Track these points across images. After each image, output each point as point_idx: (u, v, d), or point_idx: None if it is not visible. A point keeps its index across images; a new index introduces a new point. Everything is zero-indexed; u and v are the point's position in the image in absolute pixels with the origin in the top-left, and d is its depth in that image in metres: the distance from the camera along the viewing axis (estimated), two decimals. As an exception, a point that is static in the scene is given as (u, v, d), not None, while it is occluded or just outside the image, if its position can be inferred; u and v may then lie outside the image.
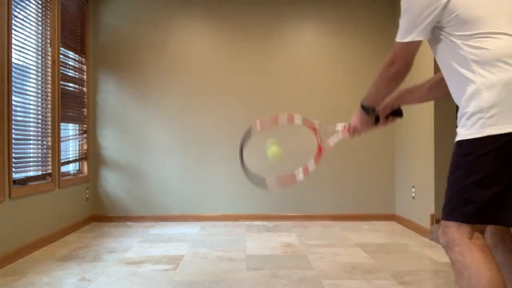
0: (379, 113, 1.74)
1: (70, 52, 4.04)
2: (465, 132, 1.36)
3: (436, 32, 1.43)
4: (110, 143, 4.52)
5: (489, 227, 1.45)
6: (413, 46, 1.46)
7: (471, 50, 1.33)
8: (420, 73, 3.93)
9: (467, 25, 1.34)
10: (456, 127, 1.44)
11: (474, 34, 1.33)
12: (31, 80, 3.36)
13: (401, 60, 1.49)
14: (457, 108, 1.45)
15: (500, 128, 1.27)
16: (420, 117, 3.88)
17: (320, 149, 1.71)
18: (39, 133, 3.46)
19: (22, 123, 3.23)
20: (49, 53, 3.56)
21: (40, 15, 3.46)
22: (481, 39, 1.32)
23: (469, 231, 1.32)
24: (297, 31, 4.56)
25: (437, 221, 3.60)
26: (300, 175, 1.70)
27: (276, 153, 1.79)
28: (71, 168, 4.21)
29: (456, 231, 1.34)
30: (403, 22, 1.47)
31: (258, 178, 1.72)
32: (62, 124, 3.79)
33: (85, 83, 4.34)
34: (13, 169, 3.00)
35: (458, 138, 1.40)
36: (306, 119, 1.72)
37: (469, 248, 1.31)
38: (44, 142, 3.53)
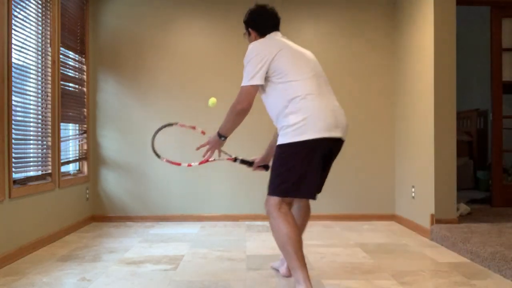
0: (251, 160, 2.59)
1: (70, 52, 4.04)
2: (281, 140, 2.17)
3: (266, 80, 2.21)
4: (110, 143, 4.52)
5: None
6: (254, 90, 2.20)
7: (284, 91, 2.16)
8: (421, 76, 3.93)
9: (281, 75, 2.18)
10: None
11: (286, 81, 2.17)
12: (31, 80, 3.36)
13: (244, 100, 2.20)
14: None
15: (305, 136, 2.09)
16: (420, 117, 3.88)
17: (205, 161, 2.49)
18: (39, 133, 3.46)
19: (22, 123, 3.23)
20: (49, 53, 3.56)
21: (40, 15, 3.46)
22: (288, 83, 2.16)
23: (279, 203, 2.14)
24: (297, 31, 4.56)
25: (437, 221, 3.61)
26: (184, 164, 2.59)
27: (213, 101, 2.71)
28: (71, 168, 4.21)
29: (272, 203, 2.15)
30: (247, 71, 2.20)
31: (157, 154, 2.57)
32: (62, 124, 3.79)
33: (85, 83, 4.34)
34: (13, 169, 3.00)
35: (278, 143, 2.20)
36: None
37: (278, 215, 2.13)
38: (44, 142, 3.53)
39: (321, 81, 2.25)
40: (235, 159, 2.52)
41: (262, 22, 2.43)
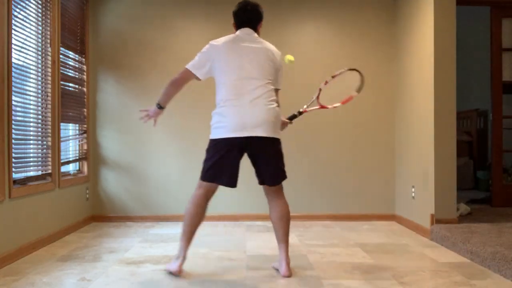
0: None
1: (70, 52, 4.04)
2: (210, 135, 2.60)
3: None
4: (110, 143, 4.52)
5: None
6: (190, 75, 2.60)
7: (217, 91, 2.59)
8: (422, 76, 3.93)
9: (216, 78, 2.58)
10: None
11: (218, 84, 2.57)
12: (31, 80, 3.36)
13: (179, 76, 2.62)
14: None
15: (217, 135, 2.54)
16: (420, 117, 3.88)
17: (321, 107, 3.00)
18: (39, 133, 3.45)
19: (22, 123, 3.23)
20: (49, 53, 3.56)
21: (40, 15, 3.46)
22: (219, 86, 2.57)
23: (200, 185, 2.63)
24: (297, 32, 4.56)
25: (437, 221, 3.61)
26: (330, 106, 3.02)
27: (289, 58, 2.92)
28: (71, 168, 4.21)
29: (197, 184, 2.65)
30: (196, 59, 2.60)
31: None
32: (62, 124, 3.79)
33: (85, 83, 4.34)
34: (13, 169, 3.00)
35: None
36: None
37: (192, 195, 2.64)
38: (44, 142, 3.53)
39: (246, 84, 2.52)
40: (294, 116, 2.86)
41: (238, 16, 2.73)
